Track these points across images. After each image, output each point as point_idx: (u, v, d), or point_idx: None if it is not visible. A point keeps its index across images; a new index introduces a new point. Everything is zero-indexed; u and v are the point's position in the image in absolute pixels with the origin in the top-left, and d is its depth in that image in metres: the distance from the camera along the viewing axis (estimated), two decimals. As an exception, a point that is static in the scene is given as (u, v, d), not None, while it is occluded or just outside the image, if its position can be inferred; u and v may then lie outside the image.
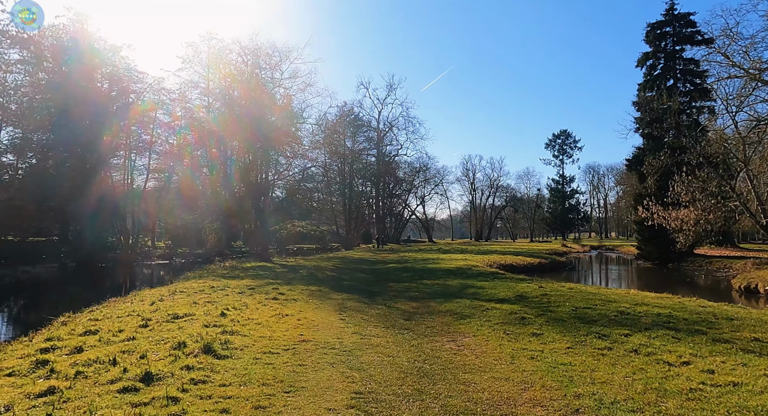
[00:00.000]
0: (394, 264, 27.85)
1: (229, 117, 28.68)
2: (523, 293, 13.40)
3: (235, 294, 13.77)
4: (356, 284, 18.19)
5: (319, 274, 21.23)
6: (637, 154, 44.91)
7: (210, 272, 21.64)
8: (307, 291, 15.00)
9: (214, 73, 33.83)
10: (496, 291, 14.12)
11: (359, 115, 60.72)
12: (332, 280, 19.25)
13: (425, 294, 14.92)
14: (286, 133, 28.38)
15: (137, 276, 28.90)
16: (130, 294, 14.41)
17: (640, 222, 42.74)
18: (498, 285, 15.80)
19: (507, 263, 31.68)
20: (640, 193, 43.49)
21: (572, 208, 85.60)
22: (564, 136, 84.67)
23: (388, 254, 41.05)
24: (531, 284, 15.63)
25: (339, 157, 55.76)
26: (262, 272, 21.53)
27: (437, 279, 18.52)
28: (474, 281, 17.41)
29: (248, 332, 8.49)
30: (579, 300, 11.90)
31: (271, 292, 14.07)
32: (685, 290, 22.83)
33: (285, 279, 18.61)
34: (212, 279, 18.14)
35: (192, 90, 39.32)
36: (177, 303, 11.92)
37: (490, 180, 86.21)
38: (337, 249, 56.15)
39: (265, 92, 28.74)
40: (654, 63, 43.33)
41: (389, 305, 12.80)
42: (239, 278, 18.53)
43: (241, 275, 19.70)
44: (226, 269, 23.03)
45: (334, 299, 13.70)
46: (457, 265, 24.81)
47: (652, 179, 34.94)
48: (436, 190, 77.42)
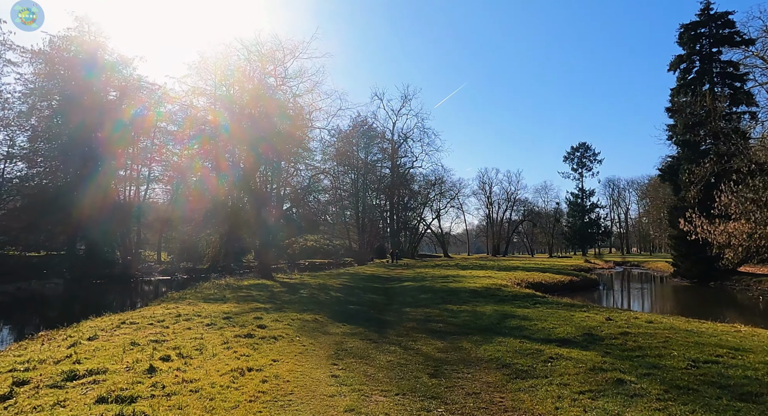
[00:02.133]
0: (410, 282, 23.96)
1: (232, 123, 25.46)
2: (590, 329, 9.45)
3: (201, 327, 10.09)
4: (364, 309, 14.38)
5: (321, 296, 17.46)
6: (671, 163, 40.54)
7: (195, 292, 18.02)
8: (298, 321, 11.24)
9: (220, 79, 30.98)
10: (549, 325, 10.18)
11: (373, 125, 57.47)
12: (336, 304, 15.46)
13: (452, 326, 11.05)
14: (290, 135, 25.00)
15: (127, 295, 25.55)
16: (72, 326, 10.82)
17: (677, 237, 38.23)
18: (546, 314, 11.84)
19: (536, 281, 27.55)
20: (675, 205, 39.10)
21: (592, 222, 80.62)
22: (583, 148, 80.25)
23: (403, 270, 37.14)
24: (591, 313, 11.63)
25: (352, 168, 52.39)
26: (256, 292, 17.85)
27: (464, 304, 14.60)
28: (511, 307, 13.46)
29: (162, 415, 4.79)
30: (681, 343, 7.95)
31: (250, 324, 10.35)
32: (758, 317, 18.56)
33: (278, 302, 14.88)
34: (189, 302, 14.50)
35: (199, 98, 36.57)
36: (108, 344, 8.26)
37: (507, 193, 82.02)
38: (350, 264, 52.43)
39: (270, 95, 25.54)
40: (688, 66, 39.22)
41: (405, 346, 8.98)
42: (222, 301, 14.87)
43: (228, 297, 16.03)
44: (217, 288, 19.41)
45: (331, 335, 9.92)
46: (483, 284, 20.83)
47: (695, 189, 30.62)
48: (451, 203, 73.41)
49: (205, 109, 28.34)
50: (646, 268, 56.35)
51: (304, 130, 27.31)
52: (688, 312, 22.21)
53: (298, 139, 25.89)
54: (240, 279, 24.83)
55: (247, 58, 26.55)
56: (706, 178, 30.79)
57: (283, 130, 25.02)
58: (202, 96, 29.68)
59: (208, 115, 27.85)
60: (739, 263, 32.82)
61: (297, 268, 44.18)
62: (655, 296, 30.44)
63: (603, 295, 30.54)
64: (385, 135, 60.61)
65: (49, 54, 40.89)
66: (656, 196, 55.91)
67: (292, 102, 26.60)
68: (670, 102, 40.08)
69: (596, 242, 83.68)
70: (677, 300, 26.97)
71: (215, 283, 21.84)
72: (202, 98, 30.36)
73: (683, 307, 24.43)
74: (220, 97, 27.35)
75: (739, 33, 37.25)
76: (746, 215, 27.39)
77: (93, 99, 41.55)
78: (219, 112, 26.52)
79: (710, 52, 38.29)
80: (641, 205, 77.89)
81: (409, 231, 69.62)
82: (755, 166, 27.01)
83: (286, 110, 25.27)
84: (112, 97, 45.28)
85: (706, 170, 30.38)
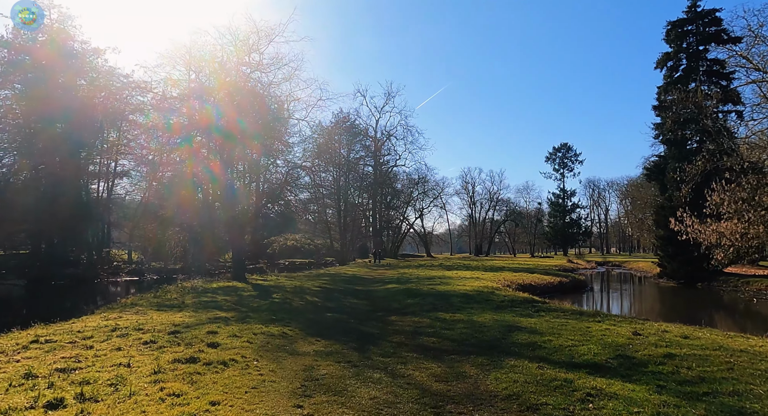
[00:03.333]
0: (395, 284, 21.92)
1: (204, 114, 23.09)
2: (621, 348, 7.54)
3: (135, 347, 7.86)
4: (343, 318, 12.26)
5: (295, 301, 15.29)
6: (658, 162, 39.42)
7: (153, 297, 15.65)
8: (261, 336, 9.08)
9: (193, 68, 28.50)
10: (566, 341, 8.25)
11: (356, 122, 55.22)
12: (311, 311, 13.31)
13: (449, 341, 9.05)
14: (266, 127, 22.72)
15: (84, 298, 22.91)
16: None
17: (663, 238, 37.07)
18: (556, 325, 9.93)
19: (526, 283, 25.81)
20: (662, 204, 37.96)
21: (573, 222, 79.82)
22: (565, 149, 79.37)
23: (386, 270, 35.11)
24: (608, 324, 9.75)
25: (334, 165, 50.12)
26: (223, 297, 15.59)
27: (458, 311, 12.61)
28: (513, 315, 11.52)
29: None
30: (751, 371, 6.09)
31: (199, 342, 8.17)
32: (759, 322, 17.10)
33: (244, 310, 12.68)
34: (137, 310, 12.17)
35: (172, 89, 33.91)
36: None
37: (489, 193, 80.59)
38: (331, 263, 50.15)
39: (244, 84, 23.22)
40: (675, 64, 38.11)
41: (394, 371, 6.94)
42: (178, 308, 12.59)
43: (188, 303, 13.75)
44: (180, 292, 17.06)
45: (300, 355, 7.80)
46: (474, 287, 18.92)
47: (687, 187, 29.33)
48: (435, 202, 71.58)
49: (178, 100, 25.81)
50: (628, 268, 55.45)
51: (282, 122, 25.06)
52: (691, 317, 20.61)
53: (274, 132, 23.61)
54: (210, 280, 22.44)
55: (221, 45, 24.23)
56: (698, 176, 29.60)
57: (258, 121, 22.73)
58: (175, 87, 27.18)
59: (181, 106, 25.36)
60: (729, 264, 31.76)
61: (276, 268, 41.75)
62: (648, 298, 29.03)
63: (594, 297, 29.03)
64: (368, 132, 58.52)
65: (12, 42, 37.66)
66: (638, 196, 55.00)
67: (268, 91, 24.33)
68: (657, 100, 38.96)
69: (577, 242, 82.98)
70: (673, 303, 25.56)
71: (180, 286, 19.46)
72: (175, 89, 27.86)
73: (682, 310, 22.95)
74: (193, 89, 24.92)
75: (725, 31, 36.23)
76: (739, 214, 26.14)
77: (60, 90, 38.47)
78: (190, 103, 24.10)
79: (697, 50, 37.24)
80: (623, 205, 77.37)
81: (391, 231, 67.62)
82: (748, 164, 25.83)
83: (261, 100, 22.98)
84: (81, 89, 42.15)
85: (698, 168, 29.10)
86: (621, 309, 23.06)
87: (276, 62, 23.12)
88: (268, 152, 22.73)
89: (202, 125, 23.22)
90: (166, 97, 27.35)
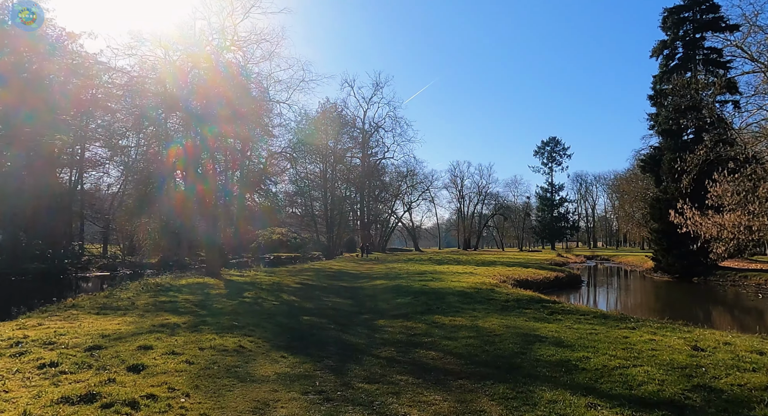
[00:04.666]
0: (383, 280, 19.74)
1: (174, 96, 20.65)
2: (693, 374, 5.47)
3: (26, 371, 5.57)
4: (322, 324, 10.04)
5: (269, 301, 13.03)
6: (653, 154, 37.72)
7: (104, 297, 13.25)
8: (209, 352, 6.83)
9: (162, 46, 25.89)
10: (611, 363, 6.14)
11: (343, 112, 52.71)
12: (284, 313, 11.06)
13: (453, 356, 6.91)
14: (243, 110, 20.34)
15: (29, 297, 20.26)
16: None
17: (658, 231, 35.46)
18: (583, 334, 7.84)
19: (522, 278, 23.80)
20: (657, 197, 36.31)
21: (561, 216, 78.45)
22: (553, 143, 77.81)
23: (374, 265, 32.94)
24: (647, 334, 7.68)
25: (320, 157, 47.69)
26: (185, 296, 13.27)
27: (457, 313, 10.48)
28: (524, 320, 9.43)
29: None
30: None
31: (119, 365, 5.90)
32: None
33: (202, 313, 10.40)
34: (70, 314, 9.81)
35: (150, 73, 31.16)
36: None
37: (478, 187, 78.72)
38: (318, 258, 47.84)
39: (217, 60, 20.76)
40: (671, 52, 36.35)
41: (383, 409, 4.77)
42: (123, 312, 10.27)
43: (139, 304, 11.41)
44: (139, 290, 14.68)
45: (253, 384, 5.56)
46: (470, 284, 16.84)
47: (688, 178, 27.55)
48: (423, 196, 69.46)
49: (154, 82, 23.20)
50: (617, 263, 54.07)
51: (261, 105, 22.65)
52: (706, 316, 18.87)
53: (251, 115, 21.23)
54: (182, 276, 20.06)
55: (193, 19, 21.71)
56: (699, 167, 27.92)
57: (235, 102, 20.34)
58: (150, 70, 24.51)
59: (151, 86, 22.77)
60: (729, 257, 30.26)
61: (261, 263, 39.41)
62: (648, 294, 27.18)
63: (593, 293, 27.24)
64: (356, 123, 56.08)
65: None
66: (628, 190, 53.51)
67: (247, 70, 21.90)
68: (653, 89, 37.24)
69: (565, 236, 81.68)
70: (677, 300, 23.76)
71: (143, 283, 17.02)
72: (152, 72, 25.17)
73: (691, 308, 21.18)
74: (165, 72, 22.34)
75: (723, 18, 34.55)
76: (742, 206, 24.46)
77: (29, 75, 35.43)
78: (161, 82, 21.58)
79: (694, 38, 35.52)
80: (613, 199, 76.07)
81: (380, 225, 65.43)
82: (752, 154, 24.12)
83: (237, 79, 20.57)
84: (52, 74, 39.01)
85: (699, 157, 27.33)
86: (624, 306, 21.21)
87: (253, 37, 20.69)
88: (245, 137, 20.33)
89: (175, 107, 20.78)
90: (141, 78, 24.73)
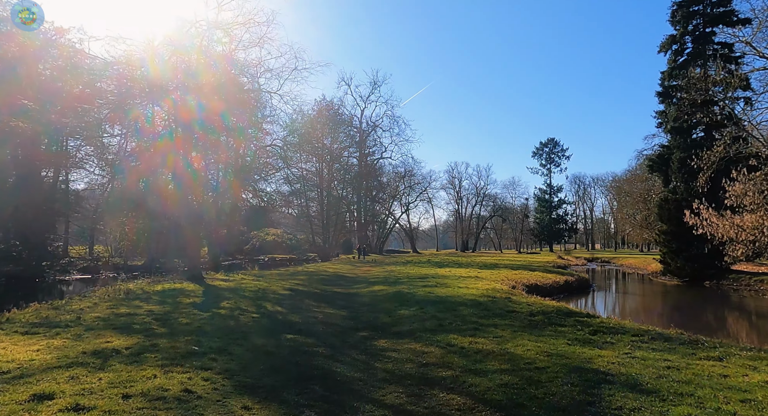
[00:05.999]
0: (382, 285, 17.50)
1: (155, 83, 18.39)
2: None
3: None
4: (308, 346, 7.79)
5: (247, 313, 10.79)
6: (662, 152, 35.67)
7: (47, 308, 10.97)
8: (139, 403, 4.61)
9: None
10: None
11: (339, 110, 50.45)
12: (262, 331, 8.82)
13: (489, 406, 4.75)
14: (230, 100, 18.14)
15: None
16: None
17: (667, 233, 33.40)
18: (663, 371, 5.67)
19: (531, 283, 21.66)
20: (666, 197, 34.26)
21: (560, 218, 76.37)
22: (552, 144, 75.79)
23: (372, 267, 30.72)
24: (753, 369, 5.53)
25: (316, 155, 45.41)
26: (148, 307, 11.04)
27: (477, 331, 8.27)
28: (566, 343, 7.25)
29: None
30: None
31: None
32: None
33: (158, 332, 8.15)
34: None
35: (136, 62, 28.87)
36: None
37: (476, 188, 76.57)
38: (313, 260, 45.56)
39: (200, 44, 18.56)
40: (680, 47, 34.37)
41: None
42: (56, 331, 8.00)
43: (83, 320, 9.17)
44: (95, 299, 12.44)
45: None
46: (480, 291, 14.66)
47: (705, 176, 25.51)
48: (421, 197, 67.20)
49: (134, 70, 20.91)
50: (619, 265, 52.04)
51: (249, 95, 20.44)
52: (740, 329, 16.78)
53: (240, 104, 19.01)
54: (161, 281, 17.80)
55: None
56: (717, 164, 25.91)
57: (220, 89, 18.14)
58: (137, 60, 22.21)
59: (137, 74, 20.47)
60: (745, 260, 28.28)
61: (255, 265, 37.18)
62: (665, 301, 24.75)
63: (605, 298, 25.12)
64: (353, 122, 53.84)
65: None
66: (630, 191, 51.52)
67: (235, 56, 19.70)
68: (661, 86, 35.24)
69: (563, 238, 79.61)
70: (698, 308, 21.61)
71: (115, 288, 14.78)
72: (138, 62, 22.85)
73: (722, 319, 19.11)
74: (150, 58, 20.08)
75: (734, 12, 32.70)
76: (765, 207, 22.42)
77: (19, 71, 33.04)
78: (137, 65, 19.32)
79: (704, 32, 33.59)
80: (611, 201, 74.06)
81: (377, 226, 63.15)
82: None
83: (223, 63, 18.36)
84: (40, 69, 36.61)
85: (716, 154, 25.35)
86: (646, 315, 19.01)
87: (240, 19, 18.47)
88: (230, 128, 18.10)
89: (159, 95, 18.51)
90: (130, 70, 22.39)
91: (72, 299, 12.67)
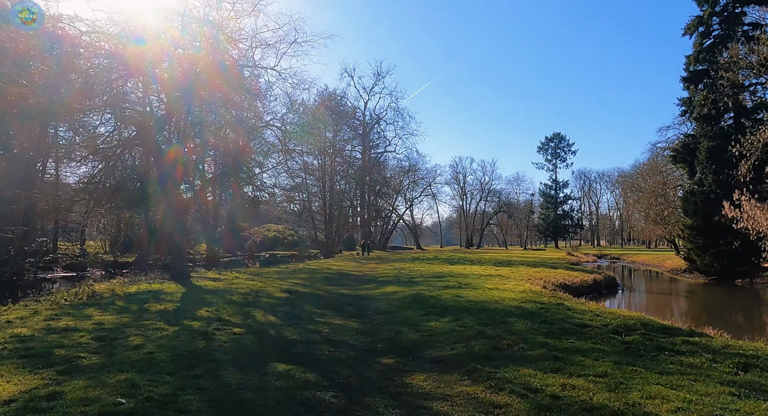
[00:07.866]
0: (396, 286, 14.61)
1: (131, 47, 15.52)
2: None
3: None
4: (309, 385, 4.94)
5: (226, 329, 7.94)
6: (686, 142, 32.69)
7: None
8: None
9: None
10: None
11: (342, 101, 47.51)
12: (241, 359, 5.98)
13: None
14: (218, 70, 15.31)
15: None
16: None
17: (693, 227, 30.49)
18: None
19: (560, 282, 18.78)
20: (692, 189, 31.34)
21: (565, 214, 73.43)
22: (557, 139, 72.81)
23: (378, 264, 27.90)
24: None
25: (318, 149, 42.52)
26: (102, 316, 8.23)
27: (558, 362, 5.48)
28: (717, 388, 4.45)
29: None
30: None
31: None
32: None
33: (86, 363, 5.33)
34: None
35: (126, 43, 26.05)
36: None
37: (481, 184, 73.58)
38: (316, 256, 42.74)
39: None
40: (707, 30, 31.40)
41: None
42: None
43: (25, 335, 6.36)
44: (52, 303, 9.66)
45: None
46: (516, 293, 11.82)
47: (748, 164, 22.60)
48: (425, 192, 64.21)
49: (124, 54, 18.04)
50: (631, 262, 49.20)
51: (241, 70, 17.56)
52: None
53: (229, 77, 16.14)
54: (141, 280, 15.01)
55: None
56: (760, 150, 23.06)
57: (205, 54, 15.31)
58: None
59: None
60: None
61: (256, 262, 34.43)
62: (709, 303, 21.42)
63: (637, 300, 22.23)
64: (356, 115, 50.88)
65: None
66: (643, 185, 48.57)
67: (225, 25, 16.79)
68: (686, 71, 32.28)
69: (568, 234, 76.66)
70: (755, 312, 18.73)
71: (79, 289, 11.98)
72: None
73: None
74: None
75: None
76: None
77: (10, 60, 30.27)
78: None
79: (733, 13, 30.60)
80: (617, 196, 71.17)
81: (380, 222, 60.28)
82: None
83: (208, 29, 15.51)
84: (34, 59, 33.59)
85: (763, 139, 22.48)
86: (696, 320, 16.21)
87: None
88: (216, 105, 15.25)
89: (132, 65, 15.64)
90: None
91: (11, 306, 9.83)
